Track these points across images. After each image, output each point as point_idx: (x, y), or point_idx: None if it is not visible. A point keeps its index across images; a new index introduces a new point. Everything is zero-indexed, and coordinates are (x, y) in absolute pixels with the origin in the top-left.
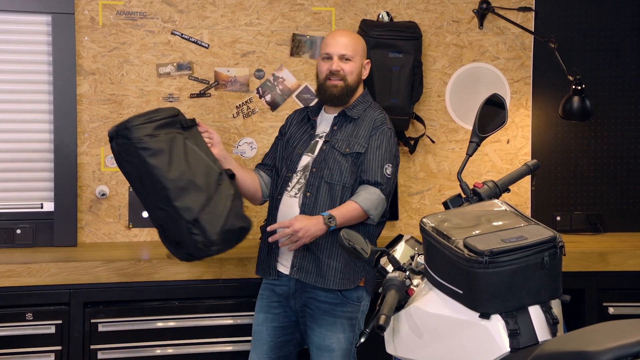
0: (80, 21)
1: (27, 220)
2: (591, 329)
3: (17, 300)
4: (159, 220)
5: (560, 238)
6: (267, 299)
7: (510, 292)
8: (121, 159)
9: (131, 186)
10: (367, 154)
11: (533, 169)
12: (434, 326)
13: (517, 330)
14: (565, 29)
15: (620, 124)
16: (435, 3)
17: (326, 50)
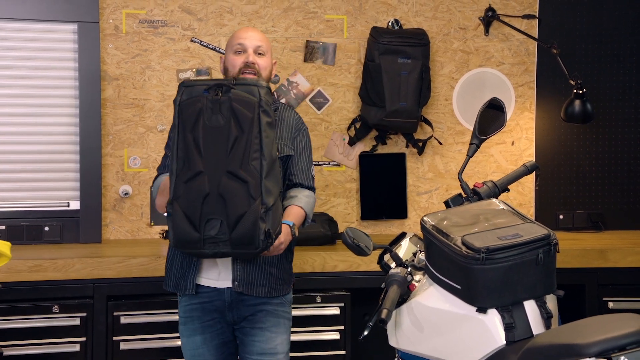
0: (104, 29)
1: (54, 218)
2: (581, 323)
3: (44, 293)
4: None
5: (554, 236)
6: (198, 320)
7: (506, 288)
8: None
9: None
10: (295, 156)
11: (531, 170)
12: (433, 320)
13: (512, 324)
14: (567, 36)
15: (621, 126)
16: (442, 11)
17: (239, 42)
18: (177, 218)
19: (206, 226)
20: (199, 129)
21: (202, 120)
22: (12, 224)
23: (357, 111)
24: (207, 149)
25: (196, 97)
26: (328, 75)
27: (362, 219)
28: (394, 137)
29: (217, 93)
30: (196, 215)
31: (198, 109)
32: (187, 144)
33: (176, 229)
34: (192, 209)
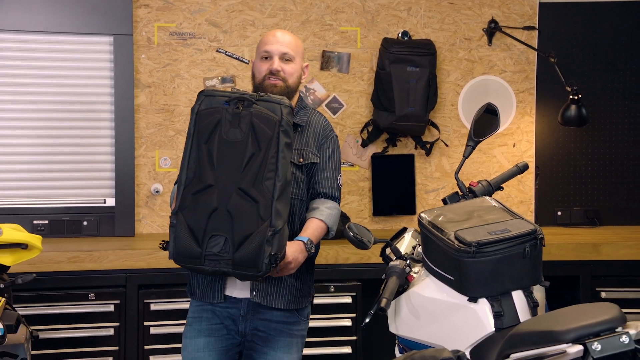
0: (138, 41)
1: (92, 213)
2: (561, 311)
3: (82, 282)
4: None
5: (540, 231)
6: (207, 322)
7: (495, 279)
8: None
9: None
10: (321, 164)
11: (522, 170)
12: (429, 308)
13: (501, 312)
14: (566, 46)
15: (615, 129)
16: (449, 23)
17: (265, 48)
18: (180, 230)
19: (209, 242)
20: (215, 141)
21: (219, 132)
22: (55, 219)
23: (369, 115)
24: (221, 162)
25: (216, 107)
26: (343, 83)
27: (374, 215)
28: (403, 140)
29: (238, 106)
30: (200, 230)
31: (216, 120)
32: (201, 155)
33: (178, 242)
34: (197, 223)
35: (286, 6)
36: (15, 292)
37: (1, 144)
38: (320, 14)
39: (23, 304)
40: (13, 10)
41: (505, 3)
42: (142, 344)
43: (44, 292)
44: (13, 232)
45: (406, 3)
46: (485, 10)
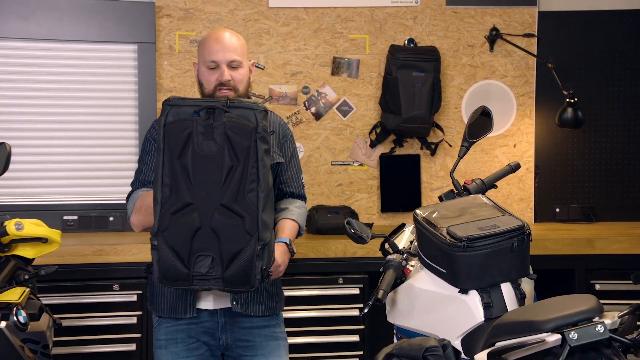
0: (160, 49)
1: (117, 209)
2: (543, 302)
3: (106, 274)
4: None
5: (528, 226)
6: (183, 342)
7: (484, 272)
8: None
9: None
10: (285, 163)
11: (514, 169)
12: (424, 299)
13: (490, 303)
14: (563, 52)
15: (610, 130)
16: (452, 30)
17: (212, 58)
18: (163, 252)
19: (196, 262)
20: (189, 155)
21: (192, 146)
22: (83, 215)
23: (377, 118)
24: (198, 178)
25: (184, 119)
26: (352, 87)
27: (382, 211)
28: (409, 141)
29: (208, 117)
30: (185, 251)
31: (187, 133)
32: (175, 172)
33: (162, 264)
34: (180, 244)
35: (299, 15)
36: (45, 283)
37: (35, 146)
38: (331, 22)
39: (51, 293)
40: (46, 21)
41: (506, 12)
42: None
43: (72, 282)
44: (34, 227)
45: (412, 12)
46: (487, 18)
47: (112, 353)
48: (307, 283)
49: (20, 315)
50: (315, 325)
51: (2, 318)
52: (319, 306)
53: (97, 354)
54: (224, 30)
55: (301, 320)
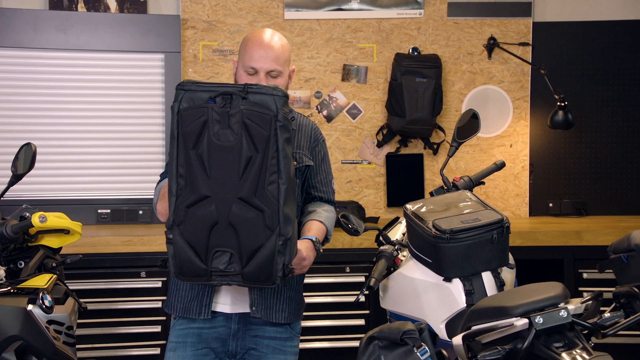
0: (185, 57)
1: (146, 204)
2: (515, 290)
3: (134, 262)
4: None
5: (507, 220)
6: (192, 347)
7: (466, 261)
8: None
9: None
10: (314, 167)
11: (500, 167)
12: (412, 287)
13: (471, 290)
14: (556, 59)
15: (600, 131)
16: (453, 40)
17: (252, 64)
18: (179, 247)
19: (214, 258)
20: (204, 145)
21: (207, 135)
22: (115, 209)
23: (384, 120)
24: (215, 169)
25: (199, 106)
26: (361, 92)
27: (388, 206)
28: (413, 141)
29: (225, 103)
30: (202, 246)
31: (202, 121)
32: (190, 162)
33: (178, 259)
34: (197, 239)
35: (312, 27)
36: (78, 270)
37: (73, 146)
38: (341, 32)
39: (83, 279)
40: (82, 33)
41: (503, 22)
42: None
43: (103, 270)
44: (56, 219)
45: (416, 23)
46: (486, 28)
47: (139, 334)
48: (318, 271)
49: (45, 300)
50: (325, 310)
51: (30, 301)
52: (328, 292)
53: (125, 335)
54: (269, 33)
55: (312, 306)
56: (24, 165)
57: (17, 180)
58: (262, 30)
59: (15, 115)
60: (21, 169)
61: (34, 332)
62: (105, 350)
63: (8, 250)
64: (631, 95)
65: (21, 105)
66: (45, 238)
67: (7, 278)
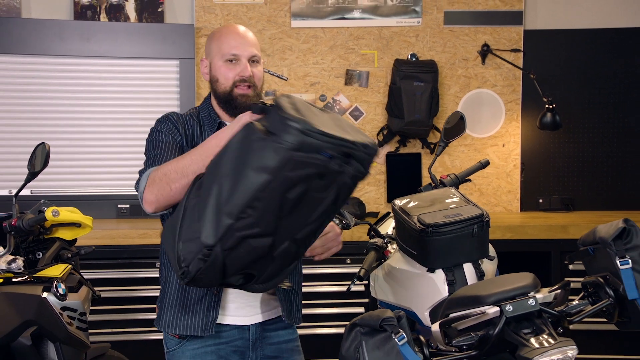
0: (199, 63)
1: None
2: (490, 280)
3: (150, 254)
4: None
5: (487, 214)
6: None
7: (449, 253)
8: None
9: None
10: None
11: (484, 165)
12: (399, 277)
13: (453, 280)
14: (546, 64)
15: (587, 132)
16: (449, 46)
17: (233, 52)
18: (212, 267)
19: (234, 276)
20: (296, 193)
21: (306, 186)
22: (134, 204)
23: (384, 121)
24: (292, 215)
25: (313, 158)
26: (363, 95)
27: (388, 201)
28: (412, 141)
29: (341, 164)
30: (234, 269)
31: (310, 173)
32: (272, 204)
33: (202, 274)
34: (236, 264)
35: (317, 34)
36: (97, 260)
37: (95, 145)
38: (344, 40)
39: (102, 269)
40: (104, 42)
41: (496, 30)
42: None
43: (121, 260)
44: (68, 214)
45: (415, 31)
46: (480, 36)
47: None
48: (321, 262)
49: (60, 288)
50: (328, 299)
51: (45, 289)
52: (330, 282)
53: (142, 321)
54: (238, 25)
55: (316, 294)
56: (39, 164)
57: (32, 178)
58: (230, 25)
59: (43, 117)
60: (37, 166)
61: (48, 317)
62: (123, 335)
63: (27, 242)
64: (616, 98)
65: (48, 108)
66: (59, 231)
67: (26, 268)
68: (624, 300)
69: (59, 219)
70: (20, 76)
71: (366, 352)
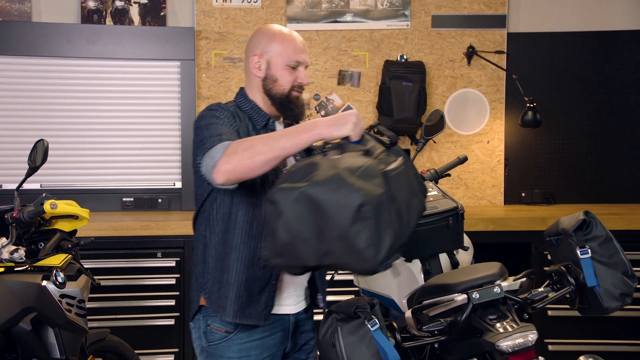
0: (199, 64)
1: (165, 193)
2: (460, 269)
3: (151, 244)
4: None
5: (462, 207)
6: (256, 358)
7: (425, 244)
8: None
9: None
10: None
11: (462, 161)
12: None
13: (430, 270)
14: (529, 66)
15: (567, 129)
16: (437, 48)
17: (298, 59)
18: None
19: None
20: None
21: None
22: (138, 197)
23: (375, 119)
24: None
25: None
26: (355, 94)
27: None
28: (401, 138)
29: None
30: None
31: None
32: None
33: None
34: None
35: (311, 37)
36: (101, 250)
37: (100, 142)
38: (337, 42)
39: (106, 259)
40: (109, 44)
41: (481, 33)
42: None
43: (124, 250)
44: (65, 206)
45: (404, 33)
46: (465, 38)
47: (155, 307)
48: None
49: (59, 276)
50: None
51: (44, 278)
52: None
53: (144, 307)
54: (292, 30)
55: None
56: (39, 159)
57: (33, 172)
58: (287, 30)
59: (52, 115)
60: (37, 161)
61: (48, 304)
62: (126, 321)
63: (29, 233)
64: (594, 98)
65: (57, 107)
66: (58, 222)
67: (28, 257)
68: (584, 288)
69: (56, 211)
70: (31, 77)
71: (341, 337)
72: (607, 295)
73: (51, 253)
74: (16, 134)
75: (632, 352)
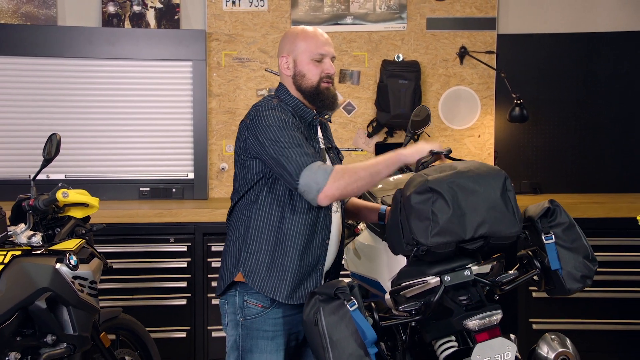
0: (210, 64)
1: (178, 183)
2: None
3: (165, 230)
4: None
5: None
6: (284, 335)
7: None
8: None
9: None
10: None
11: (447, 154)
12: (366, 252)
13: None
14: (517, 65)
15: (552, 125)
16: (432, 48)
17: (321, 51)
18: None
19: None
20: None
21: None
22: (154, 187)
23: (373, 115)
24: None
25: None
26: (355, 92)
27: None
28: (398, 132)
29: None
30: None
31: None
32: None
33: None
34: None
35: None
36: (117, 236)
37: (119, 136)
38: (338, 43)
39: (123, 244)
40: (127, 45)
41: (472, 34)
42: (207, 273)
43: (140, 236)
44: (76, 195)
45: (400, 35)
46: (458, 39)
47: (168, 288)
48: None
49: (72, 259)
50: None
51: (58, 261)
52: None
53: (157, 288)
54: (316, 27)
55: None
56: (53, 151)
57: (47, 164)
58: (310, 27)
59: (75, 111)
60: (52, 153)
61: (61, 285)
62: (141, 301)
63: (47, 220)
64: (577, 96)
65: (80, 104)
66: (71, 210)
67: (44, 242)
68: (548, 271)
69: (68, 199)
70: (56, 76)
71: (323, 317)
72: (570, 278)
73: (66, 238)
74: (44, 128)
75: (609, 330)
